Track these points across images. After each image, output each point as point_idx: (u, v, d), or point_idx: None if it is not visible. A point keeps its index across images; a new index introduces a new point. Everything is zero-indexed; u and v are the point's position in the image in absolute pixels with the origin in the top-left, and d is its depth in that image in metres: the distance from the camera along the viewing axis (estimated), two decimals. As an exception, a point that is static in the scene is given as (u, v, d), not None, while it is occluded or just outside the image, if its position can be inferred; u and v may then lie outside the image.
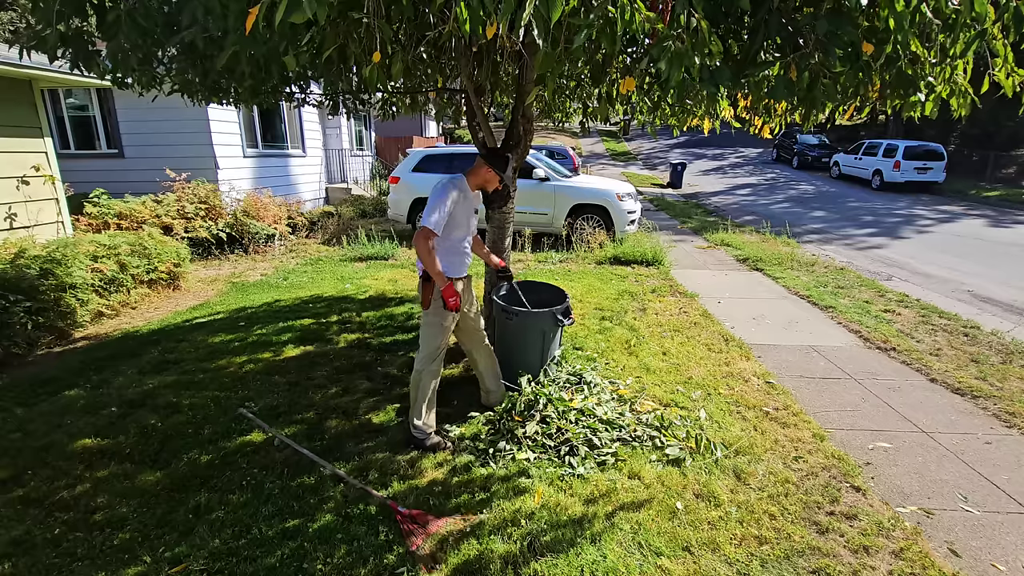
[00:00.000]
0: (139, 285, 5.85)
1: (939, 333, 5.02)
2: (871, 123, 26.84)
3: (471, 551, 2.25)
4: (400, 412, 3.41)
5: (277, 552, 2.24)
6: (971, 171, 19.18)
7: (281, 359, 4.27)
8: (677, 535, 2.37)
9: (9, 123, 5.36)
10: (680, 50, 1.78)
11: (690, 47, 1.79)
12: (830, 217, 12.83)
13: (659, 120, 4.20)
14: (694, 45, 1.80)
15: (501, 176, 2.93)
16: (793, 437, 3.20)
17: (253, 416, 2.91)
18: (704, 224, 11.33)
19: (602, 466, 2.84)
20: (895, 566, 2.24)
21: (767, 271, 7.37)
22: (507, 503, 2.54)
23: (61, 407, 3.49)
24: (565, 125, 6.35)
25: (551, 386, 3.41)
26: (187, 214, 7.86)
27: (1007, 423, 3.46)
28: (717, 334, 4.91)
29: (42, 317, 4.56)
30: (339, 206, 12.19)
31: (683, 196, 16.65)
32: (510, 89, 4.75)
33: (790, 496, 2.66)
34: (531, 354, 3.56)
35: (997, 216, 13.05)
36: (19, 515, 2.48)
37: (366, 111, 5.00)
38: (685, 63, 1.79)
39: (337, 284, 6.65)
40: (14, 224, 5.42)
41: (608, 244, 8.29)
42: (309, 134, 12.61)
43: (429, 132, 24.53)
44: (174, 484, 2.70)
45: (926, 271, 7.75)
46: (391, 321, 5.17)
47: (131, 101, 8.42)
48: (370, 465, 2.84)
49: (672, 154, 27.63)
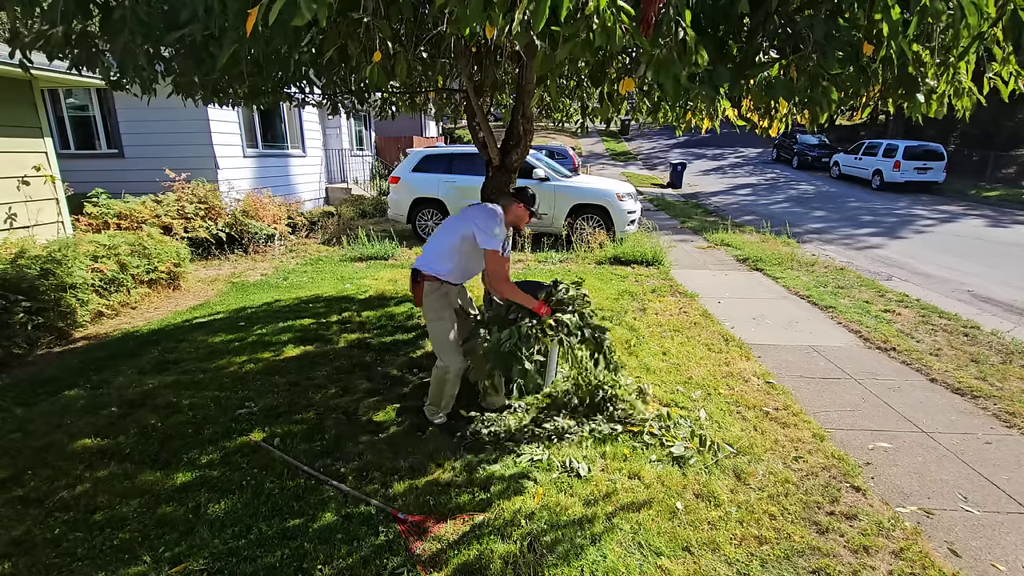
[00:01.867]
0: (139, 285, 5.85)
1: (939, 333, 5.03)
2: (871, 123, 26.82)
3: (471, 552, 2.25)
4: (400, 412, 3.41)
5: (277, 552, 2.24)
6: (971, 171, 19.18)
7: (281, 359, 4.27)
8: (677, 535, 2.37)
9: (9, 123, 5.36)
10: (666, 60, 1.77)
11: (677, 58, 1.77)
12: (830, 217, 12.83)
13: (659, 120, 4.20)
14: (680, 56, 1.78)
15: (532, 211, 3.03)
16: (793, 437, 3.20)
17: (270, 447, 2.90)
18: (704, 224, 11.33)
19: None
20: (895, 566, 2.24)
21: (767, 271, 7.37)
22: (507, 503, 2.54)
23: (61, 407, 3.49)
24: (565, 125, 6.34)
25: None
26: (187, 214, 7.86)
27: (1007, 423, 3.46)
28: (717, 334, 4.91)
29: (42, 317, 4.56)
30: (339, 206, 12.19)
31: (683, 196, 16.65)
32: (510, 89, 4.75)
33: (790, 496, 2.66)
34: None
35: (997, 216, 13.05)
36: (19, 515, 2.48)
37: (366, 111, 5.00)
38: (673, 71, 1.78)
39: (337, 284, 6.66)
40: (14, 224, 5.42)
41: (608, 244, 8.30)
42: (309, 134, 12.61)
43: (429, 132, 24.53)
44: (174, 484, 2.70)
45: (926, 271, 7.75)
46: (391, 321, 5.17)
47: (131, 101, 8.39)
48: (370, 466, 2.84)
49: (672, 154, 27.63)
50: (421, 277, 2.91)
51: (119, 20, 2.23)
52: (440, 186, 9.20)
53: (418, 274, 2.91)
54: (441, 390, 3.03)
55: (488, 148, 3.89)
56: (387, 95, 4.80)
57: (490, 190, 3.96)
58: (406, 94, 4.62)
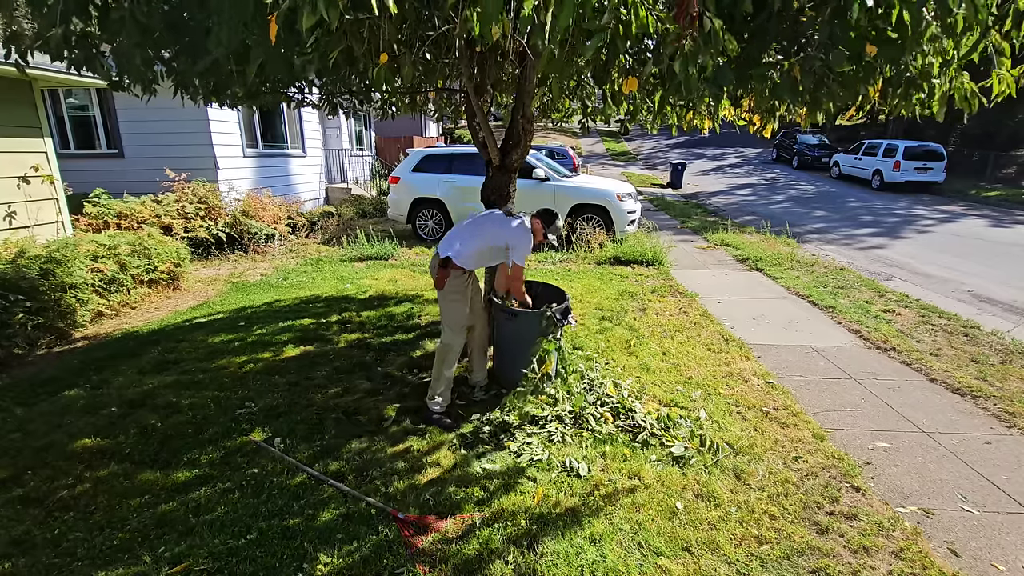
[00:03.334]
0: (139, 285, 5.85)
1: (939, 333, 5.03)
2: (871, 123, 26.81)
3: (471, 551, 2.25)
4: (400, 411, 3.41)
5: (277, 552, 2.24)
6: (971, 171, 19.17)
7: (281, 359, 4.27)
8: (677, 535, 2.37)
9: (9, 123, 5.36)
10: (694, 49, 1.78)
11: (703, 46, 1.79)
12: (830, 217, 12.83)
13: (659, 120, 4.20)
14: (707, 45, 1.80)
15: (546, 233, 3.45)
16: (793, 437, 3.20)
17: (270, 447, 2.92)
18: (704, 224, 11.33)
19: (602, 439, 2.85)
20: (895, 566, 2.24)
21: (767, 271, 7.37)
22: (507, 503, 2.54)
23: (61, 407, 3.49)
24: (565, 125, 6.35)
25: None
26: (187, 214, 7.86)
27: (1007, 423, 3.46)
28: (717, 334, 4.91)
29: (42, 317, 4.55)
30: (339, 206, 12.19)
31: (683, 196, 16.65)
32: (510, 89, 4.75)
33: (790, 496, 2.66)
34: (530, 354, 3.55)
35: (997, 216, 13.05)
36: (19, 515, 2.48)
37: (366, 111, 5.00)
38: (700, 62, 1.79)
39: (337, 284, 6.65)
40: (13, 224, 5.41)
41: (608, 244, 8.30)
42: (309, 134, 12.61)
43: (429, 132, 24.53)
44: (174, 484, 2.70)
45: (926, 271, 7.75)
46: (391, 321, 5.17)
47: (131, 101, 8.39)
48: (370, 465, 2.85)
49: (672, 154, 27.63)
50: (451, 265, 3.19)
51: (117, 21, 2.23)
52: (440, 186, 9.20)
53: (448, 262, 3.20)
54: (441, 368, 3.28)
55: (488, 148, 3.89)
56: (387, 95, 4.80)
57: (490, 190, 3.96)
58: (407, 94, 4.61)
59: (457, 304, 3.29)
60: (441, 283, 3.23)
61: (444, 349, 3.29)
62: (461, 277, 3.26)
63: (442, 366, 3.28)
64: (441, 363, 3.28)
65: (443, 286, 3.24)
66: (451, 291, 3.25)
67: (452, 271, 3.22)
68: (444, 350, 3.29)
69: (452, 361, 3.30)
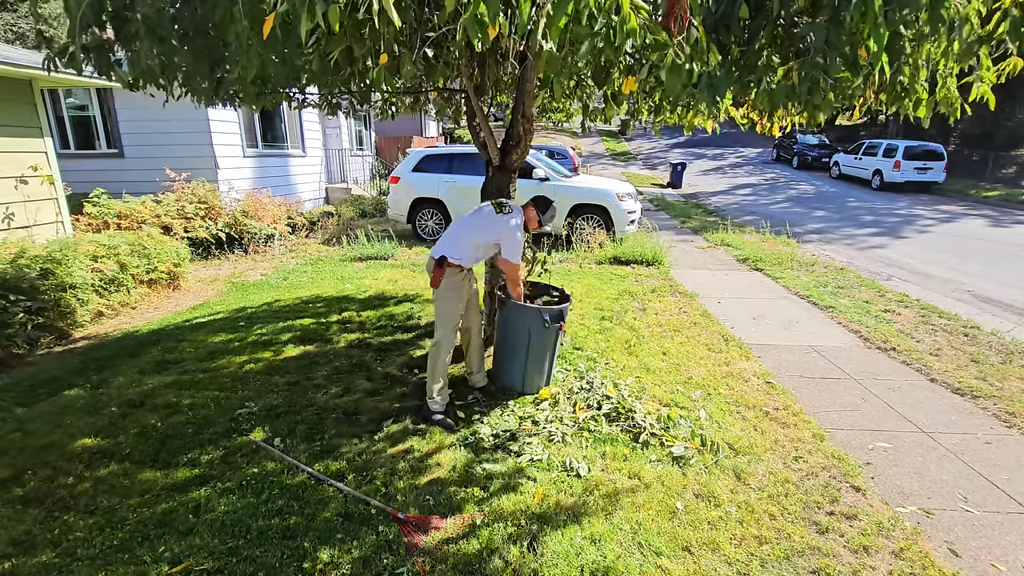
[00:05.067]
0: (139, 285, 5.85)
1: (939, 333, 5.03)
2: (871, 123, 26.83)
3: (471, 550, 2.25)
4: (400, 411, 3.41)
5: (277, 552, 2.24)
6: (971, 171, 19.17)
7: (281, 359, 4.27)
8: (677, 535, 2.37)
9: (9, 123, 5.36)
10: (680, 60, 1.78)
11: (688, 58, 1.80)
12: (830, 217, 12.83)
13: (658, 123, 4.20)
14: (693, 55, 1.81)
15: (540, 220, 3.46)
16: (793, 437, 3.20)
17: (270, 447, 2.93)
18: (704, 224, 11.32)
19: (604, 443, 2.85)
20: (895, 566, 2.24)
21: (767, 271, 7.37)
22: (507, 503, 2.54)
23: (61, 407, 3.49)
24: (565, 125, 6.36)
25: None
26: (187, 214, 7.86)
27: (1007, 423, 3.46)
28: (717, 334, 4.91)
29: (42, 317, 4.56)
30: (339, 206, 12.19)
31: (683, 196, 16.64)
32: (510, 89, 4.75)
33: (790, 496, 2.66)
34: (531, 352, 3.55)
35: (997, 216, 13.06)
36: (19, 515, 2.48)
37: (366, 112, 5.00)
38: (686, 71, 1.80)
39: (337, 284, 6.65)
40: (12, 224, 5.41)
41: (608, 244, 8.29)
42: (309, 134, 12.61)
43: (429, 132, 24.52)
44: (174, 484, 2.70)
45: (926, 271, 7.76)
46: (391, 321, 5.17)
47: (131, 101, 8.42)
48: (370, 465, 2.85)
49: (672, 154, 27.61)
50: (447, 263, 3.21)
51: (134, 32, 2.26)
52: (440, 186, 9.20)
53: (444, 260, 3.22)
54: (435, 366, 3.30)
55: (488, 148, 3.89)
56: (388, 95, 4.79)
57: (490, 190, 3.96)
58: (406, 94, 4.61)
59: (451, 302, 3.30)
60: (437, 281, 3.26)
61: (436, 347, 3.31)
62: (458, 275, 3.27)
63: (436, 364, 3.30)
64: (435, 361, 3.30)
65: (439, 284, 3.27)
66: (446, 289, 3.28)
67: (448, 268, 3.24)
68: (436, 348, 3.31)
69: (445, 358, 3.31)
